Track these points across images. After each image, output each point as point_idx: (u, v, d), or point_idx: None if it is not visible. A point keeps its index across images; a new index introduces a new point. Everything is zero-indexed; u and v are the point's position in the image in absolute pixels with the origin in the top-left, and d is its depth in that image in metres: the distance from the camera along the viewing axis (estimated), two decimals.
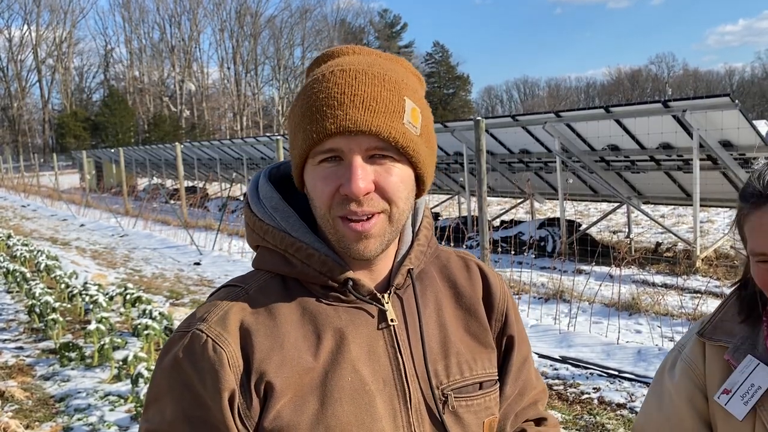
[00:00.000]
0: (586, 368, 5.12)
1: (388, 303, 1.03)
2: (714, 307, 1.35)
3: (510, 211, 13.32)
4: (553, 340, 5.75)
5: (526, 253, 8.87)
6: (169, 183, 26.45)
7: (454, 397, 1.05)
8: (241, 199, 18.95)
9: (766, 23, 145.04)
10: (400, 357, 1.02)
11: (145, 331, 5.33)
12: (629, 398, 4.54)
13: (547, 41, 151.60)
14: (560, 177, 9.70)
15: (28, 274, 8.21)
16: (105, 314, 6.04)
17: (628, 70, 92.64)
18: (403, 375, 1.02)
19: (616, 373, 4.95)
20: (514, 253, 9.38)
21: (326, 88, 0.94)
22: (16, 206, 23.99)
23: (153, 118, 66.57)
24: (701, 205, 8.36)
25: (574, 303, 6.58)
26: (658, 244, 10.09)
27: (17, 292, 8.51)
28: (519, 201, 12.93)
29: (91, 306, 6.38)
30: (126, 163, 23.02)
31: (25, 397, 4.94)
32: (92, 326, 5.67)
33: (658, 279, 7.84)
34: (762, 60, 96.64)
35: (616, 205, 10.90)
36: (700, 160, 8.06)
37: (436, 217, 13.34)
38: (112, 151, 25.92)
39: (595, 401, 4.54)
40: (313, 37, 75.93)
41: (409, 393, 1.01)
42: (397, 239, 1.06)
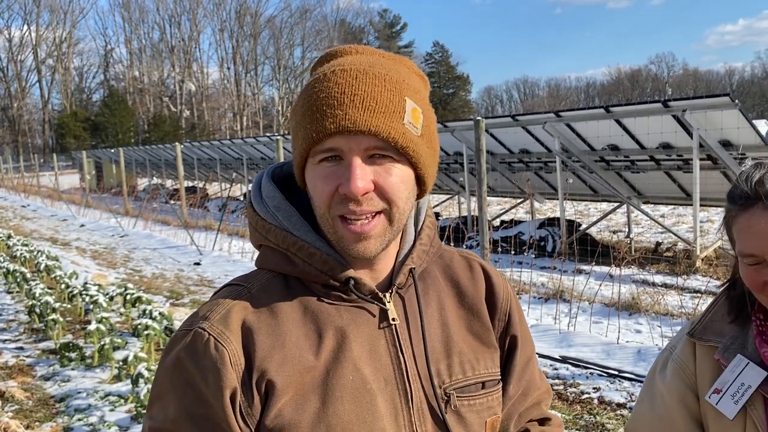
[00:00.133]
0: (586, 368, 5.12)
1: (389, 302, 1.04)
2: None
3: (510, 211, 13.33)
4: (553, 340, 5.75)
5: (526, 253, 8.87)
6: (169, 183, 26.46)
7: (457, 397, 1.05)
8: (241, 199, 18.96)
9: (766, 23, 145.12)
10: (401, 356, 1.02)
11: (145, 332, 5.33)
12: (629, 398, 4.54)
13: (547, 41, 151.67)
14: (560, 177, 9.70)
15: (29, 275, 8.21)
16: (105, 314, 6.04)
17: (628, 70, 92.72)
18: (405, 374, 1.02)
19: (616, 373, 4.95)
20: (514, 253, 9.38)
21: (327, 88, 0.94)
22: (16, 206, 23.99)
23: (153, 118, 66.58)
24: (701, 205, 8.36)
25: (574, 303, 6.58)
26: (658, 244, 10.10)
27: (17, 292, 8.52)
28: (519, 201, 12.93)
29: (91, 306, 6.38)
30: (126, 163, 23.01)
31: (26, 397, 4.94)
32: (92, 326, 5.67)
33: (658, 279, 7.85)
34: (762, 60, 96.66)
35: (616, 204, 10.90)
36: (700, 159, 8.06)
37: (436, 216, 13.33)
38: (112, 151, 25.92)
39: (595, 401, 4.55)
40: (313, 37, 75.97)
41: (411, 392, 1.01)
42: (398, 239, 1.06)
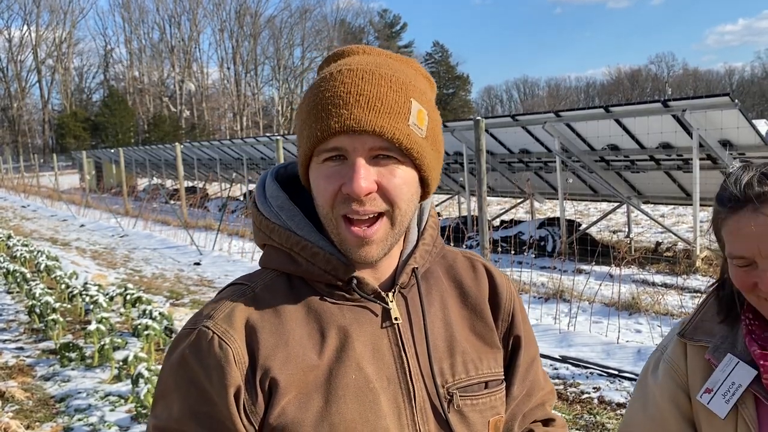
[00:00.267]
0: (586, 368, 5.12)
1: (392, 302, 1.04)
2: None
3: (510, 211, 13.33)
4: (553, 340, 5.75)
5: (526, 253, 8.87)
6: (169, 183, 26.46)
7: (459, 396, 1.05)
8: (241, 199, 18.96)
9: (766, 23, 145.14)
10: (404, 355, 1.02)
11: (146, 332, 5.33)
12: (629, 398, 4.54)
13: (547, 41, 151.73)
14: (560, 177, 9.70)
15: (29, 275, 8.21)
16: (105, 314, 6.04)
17: (628, 70, 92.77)
18: (408, 373, 1.02)
19: (616, 373, 4.95)
20: (514, 252, 9.38)
21: (332, 87, 0.94)
22: (16, 207, 23.99)
23: (153, 119, 66.57)
24: (701, 205, 8.36)
25: (574, 302, 6.58)
26: (658, 244, 10.10)
27: (17, 292, 8.52)
28: (519, 201, 12.93)
29: (92, 306, 6.38)
30: (126, 164, 23.01)
31: (26, 397, 4.95)
32: (92, 326, 5.67)
33: (658, 278, 7.85)
34: (762, 59, 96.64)
35: (616, 204, 10.90)
36: (700, 159, 8.06)
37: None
38: (112, 151, 25.93)
39: (595, 401, 4.55)
40: (312, 37, 76.00)
41: (414, 391, 1.02)
42: (400, 241, 1.06)
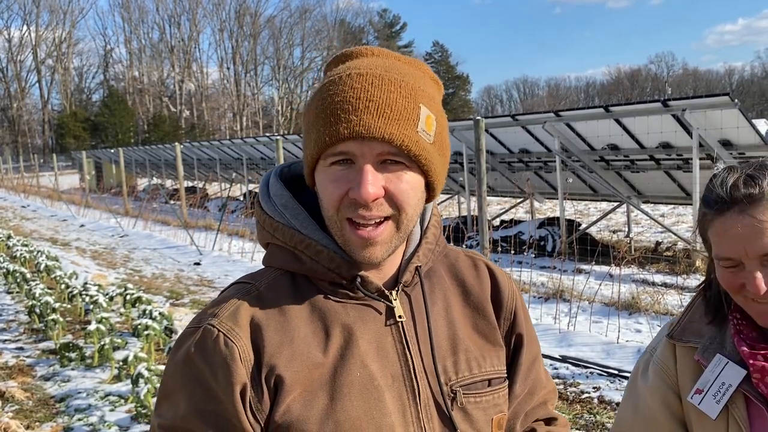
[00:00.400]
0: (586, 367, 5.12)
1: (396, 300, 1.04)
2: None
3: (510, 211, 13.33)
4: (553, 340, 5.75)
5: (526, 253, 8.86)
6: (168, 183, 26.46)
7: (463, 394, 1.06)
8: (241, 199, 18.96)
9: (766, 22, 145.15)
10: (408, 353, 1.03)
11: (145, 332, 5.33)
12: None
13: (547, 41, 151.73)
14: (560, 176, 9.70)
15: (28, 275, 8.21)
16: (105, 314, 6.04)
17: (628, 70, 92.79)
18: (412, 371, 1.02)
19: (616, 373, 4.95)
20: (514, 252, 9.38)
21: (342, 92, 0.94)
22: (16, 207, 23.98)
23: (153, 119, 66.56)
24: None
25: (573, 302, 6.58)
26: (658, 244, 10.10)
27: (17, 292, 8.51)
28: (519, 201, 12.94)
29: (91, 306, 6.38)
30: (126, 164, 23.00)
31: (26, 397, 4.94)
32: (92, 326, 5.67)
33: (658, 278, 7.85)
34: (761, 59, 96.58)
35: (615, 204, 10.90)
36: (700, 159, 8.06)
37: None
38: (112, 151, 25.92)
39: (595, 400, 4.55)
40: (312, 37, 75.97)
41: (419, 389, 1.02)
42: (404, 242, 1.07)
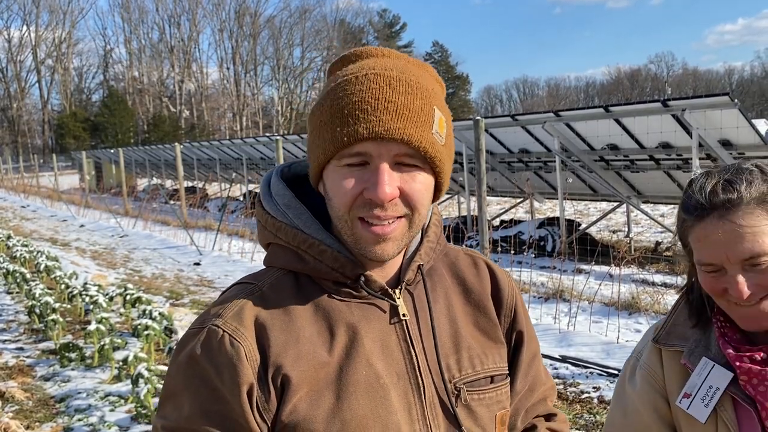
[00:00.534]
0: (586, 367, 5.12)
1: (399, 298, 1.05)
2: None
3: (510, 211, 13.33)
4: (553, 340, 5.75)
5: (525, 253, 8.87)
6: (168, 183, 26.46)
7: (467, 391, 1.07)
8: (241, 199, 18.96)
9: (766, 22, 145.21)
10: (413, 351, 1.03)
11: (145, 332, 5.33)
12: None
13: (547, 41, 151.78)
14: (560, 176, 9.70)
15: (28, 275, 8.21)
16: (105, 315, 6.04)
17: (628, 70, 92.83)
18: (417, 369, 1.03)
19: (616, 373, 4.95)
20: (513, 252, 9.38)
21: (359, 92, 0.94)
22: (16, 207, 23.98)
23: (152, 119, 66.56)
24: None
25: (573, 302, 6.59)
26: (658, 243, 10.10)
27: (17, 292, 8.52)
28: (519, 201, 12.94)
29: (91, 306, 6.38)
30: (126, 164, 23.00)
31: (26, 397, 4.95)
32: (92, 327, 5.67)
33: (658, 278, 7.85)
34: (761, 59, 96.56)
35: (615, 204, 10.90)
36: (700, 159, 8.06)
37: None
38: (112, 151, 25.92)
39: (595, 400, 4.55)
40: (312, 37, 75.97)
41: (423, 386, 1.03)
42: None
